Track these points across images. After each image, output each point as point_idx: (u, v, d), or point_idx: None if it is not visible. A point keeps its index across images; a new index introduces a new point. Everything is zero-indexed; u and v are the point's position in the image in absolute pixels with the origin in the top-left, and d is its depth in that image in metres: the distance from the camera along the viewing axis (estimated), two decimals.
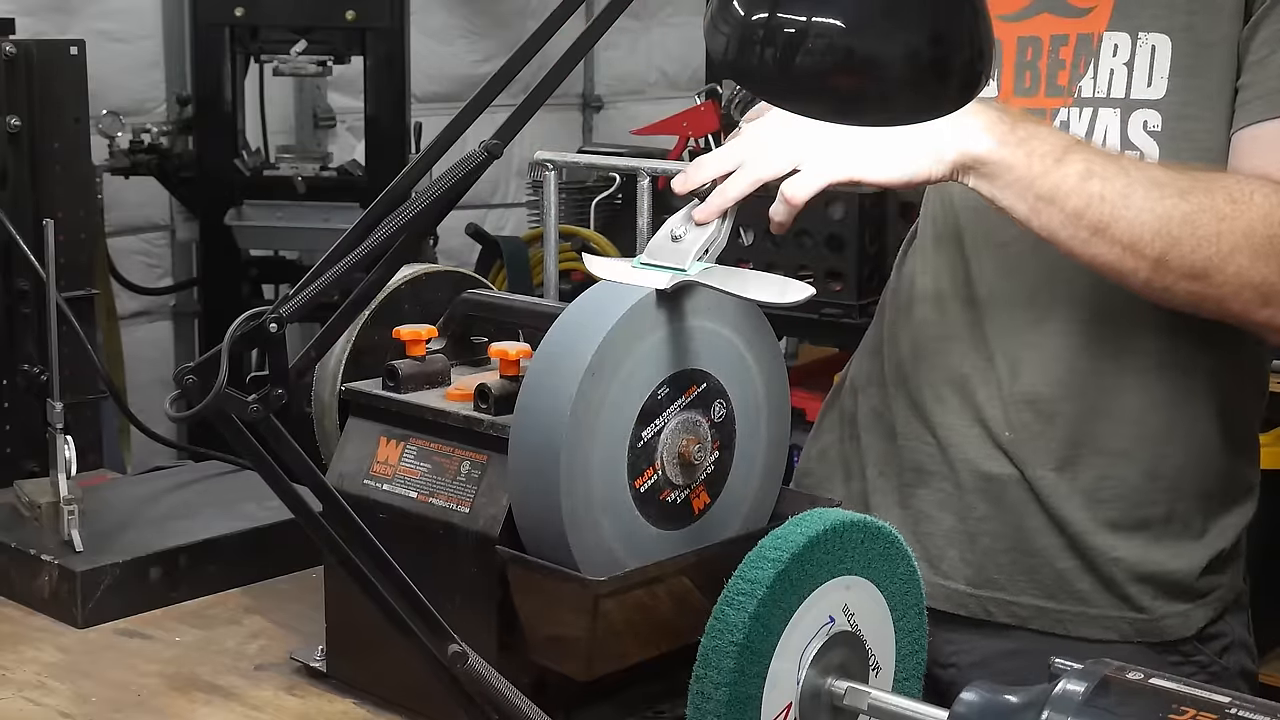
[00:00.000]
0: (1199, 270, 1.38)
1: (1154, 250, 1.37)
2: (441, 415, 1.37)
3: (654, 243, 1.33)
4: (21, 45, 2.00)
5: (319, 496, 1.03)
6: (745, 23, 1.02)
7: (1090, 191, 1.37)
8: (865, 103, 1.05)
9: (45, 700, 1.47)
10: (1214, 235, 1.37)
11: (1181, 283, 1.39)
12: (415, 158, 1.06)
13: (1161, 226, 1.37)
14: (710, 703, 1.11)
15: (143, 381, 3.87)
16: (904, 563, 1.23)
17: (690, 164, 1.43)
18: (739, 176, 1.35)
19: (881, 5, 1.01)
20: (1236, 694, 0.99)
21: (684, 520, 1.33)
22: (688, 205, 1.39)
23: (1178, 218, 1.37)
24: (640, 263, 1.31)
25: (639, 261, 1.31)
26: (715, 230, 1.32)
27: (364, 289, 1.02)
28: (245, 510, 1.81)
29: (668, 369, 1.29)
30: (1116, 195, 1.37)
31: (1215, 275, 1.38)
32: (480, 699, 1.08)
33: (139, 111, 3.91)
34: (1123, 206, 1.37)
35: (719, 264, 1.31)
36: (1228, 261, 1.37)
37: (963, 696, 1.06)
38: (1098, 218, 1.37)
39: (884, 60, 1.01)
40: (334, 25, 3.62)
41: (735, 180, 1.35)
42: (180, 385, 0.95)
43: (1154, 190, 1.37)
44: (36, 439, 1.91)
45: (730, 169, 1.36)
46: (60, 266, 1.82)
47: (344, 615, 1.46)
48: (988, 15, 1.04)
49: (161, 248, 4.15)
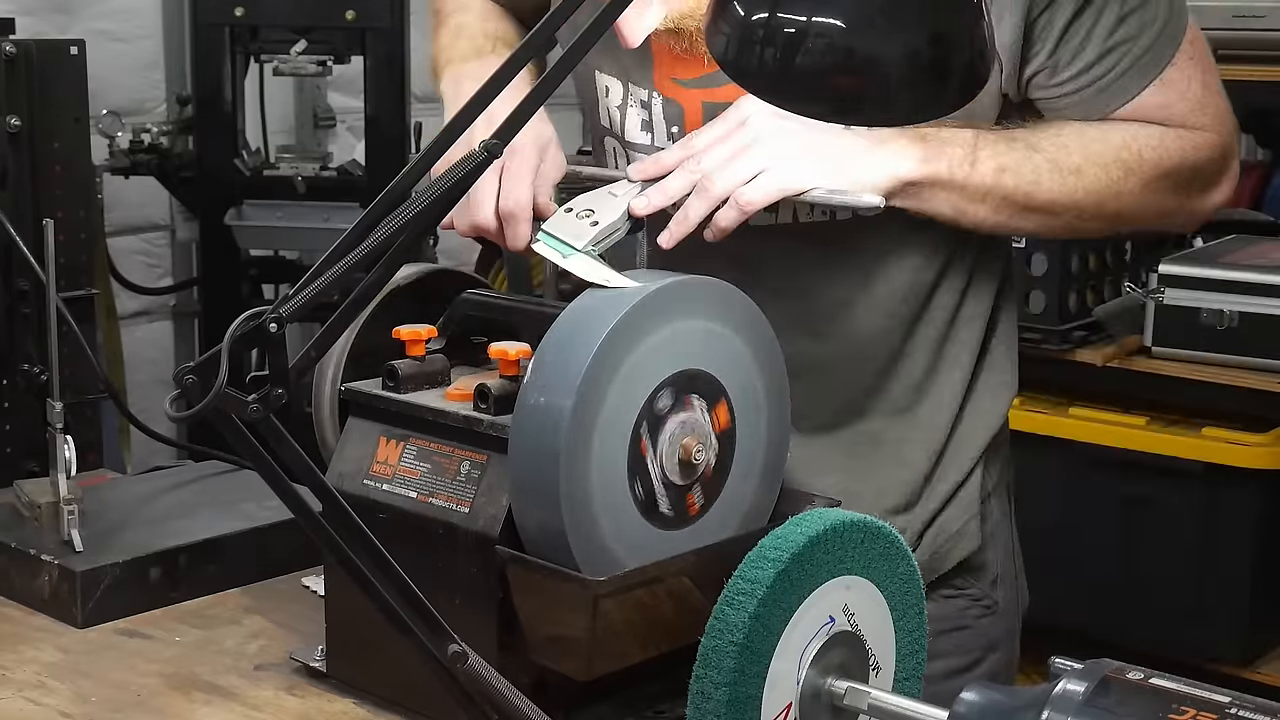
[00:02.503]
0: (1109, 220, 1.57)
1: (1067, 216, 1.53)
2: (441, 415, 1.37)
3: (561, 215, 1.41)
4: (21, 45, 2.00)
5: (319, 496, 1.03)
6: (745, 23, 1.02)
7: (1004, 184, 1.49)
8: (865, 103, 1.05)
9: (45, 700, 1.47)
10: (1114, 195, 1.52)
11: (1095, 228, 1.60)
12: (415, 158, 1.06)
13: (1069, 199, 1.51)
14: (710, 703, 1.11)
15: (143, 381, 3.86)
16: (904, 563, 1.23)
17: (651, 157, 1.47)
18: (699, 200, 1.42)
19: (881, 5, 1.01)
20: (1236, 694, 0.99)
21: (684, 520, 1.33)
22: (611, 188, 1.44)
23: (1081, 191, 1.51)
24: (542, 231, 1.39)
25: (541, 230, 1.39)
26: (619, 222, 1.41)
27: (364, 289, 1.02)
28: (245, 510, 1.81)
29: (668, 369, 1.29)
30: (1027, 184, 1.49)
31: (1123, 221, 1.59)
32: (480, 699, 1.08)
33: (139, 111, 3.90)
34: (1034, 190, 1.50)
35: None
36: (1132, 209, 1.55)
37: (963, 696, 1.06)
38: (1014, 204, 1.50)
39: (884, 60, 1.01)
40: (334, 25, 3.61)
41: (696, 204, 1.43)
42: (180, 385, 0.95)
43: (1055, 173, 1.50)
44: (36, 439, 1.91)
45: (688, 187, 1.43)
46: (60, 266, 1.81)
47: (344, 615, 1.46)
48: (988, 15, 1.04)
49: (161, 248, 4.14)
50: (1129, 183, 1.52)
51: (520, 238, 1.48)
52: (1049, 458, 3.14)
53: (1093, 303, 3.24)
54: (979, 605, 1.70)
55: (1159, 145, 1.53)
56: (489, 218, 1.49)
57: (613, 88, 1.62)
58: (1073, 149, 1.51)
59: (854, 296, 1.59)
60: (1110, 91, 1.52)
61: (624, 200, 1.43)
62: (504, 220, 1.49)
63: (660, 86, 1.58)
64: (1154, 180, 1.54)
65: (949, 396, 1.64)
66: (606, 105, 1.64)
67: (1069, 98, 1.53)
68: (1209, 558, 3.09)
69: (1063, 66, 1.50)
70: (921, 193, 1.48)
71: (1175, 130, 1.54)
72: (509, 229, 1.49)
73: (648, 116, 1.59)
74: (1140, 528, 3.15)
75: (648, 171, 1.46)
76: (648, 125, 1.59)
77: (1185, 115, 1.54)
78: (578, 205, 1.43)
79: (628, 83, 1.60)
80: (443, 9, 1.82)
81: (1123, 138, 1.53)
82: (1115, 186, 1.52)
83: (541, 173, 1.50)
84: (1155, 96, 1.52)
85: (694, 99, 1.56)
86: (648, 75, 1.58)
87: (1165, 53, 1.51)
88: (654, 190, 1.44)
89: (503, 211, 1.49)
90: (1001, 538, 1.72)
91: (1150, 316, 3.13)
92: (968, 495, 1.66)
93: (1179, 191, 1.57)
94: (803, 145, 1.42)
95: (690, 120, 1.56)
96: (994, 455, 1.70)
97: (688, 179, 1.43)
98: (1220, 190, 1.60)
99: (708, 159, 1.43)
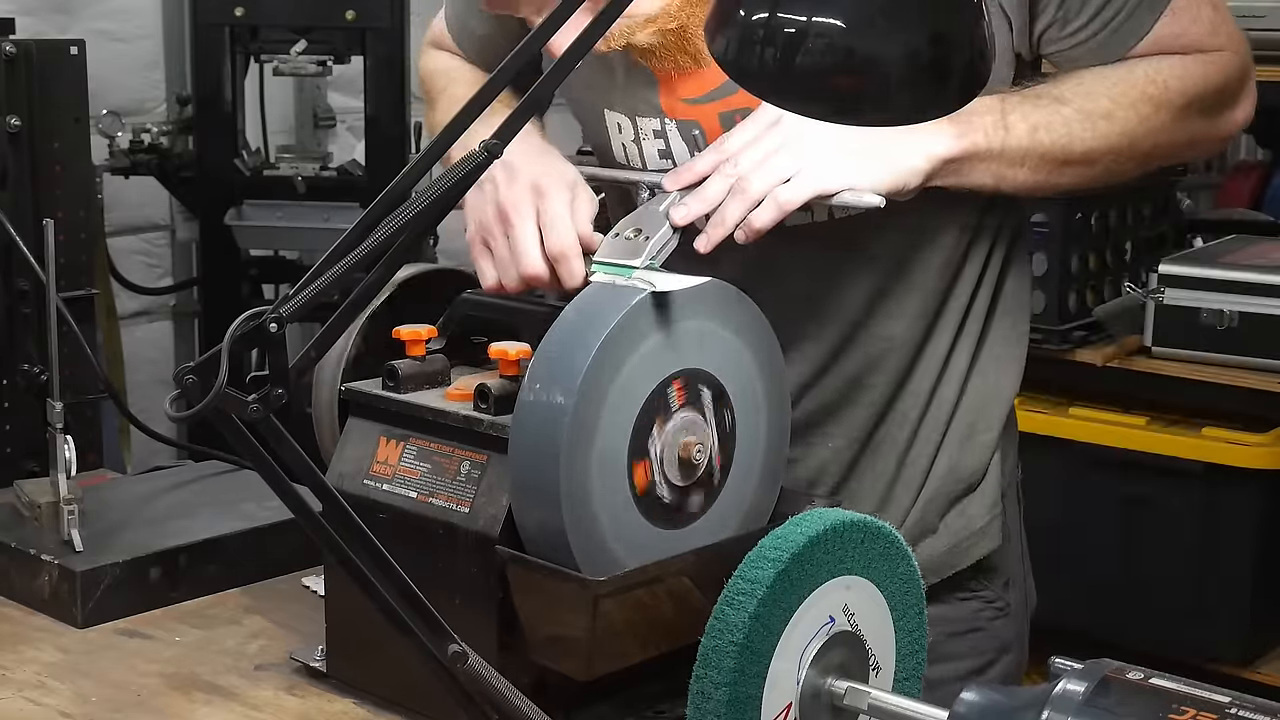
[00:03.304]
0: (1143, 158, 1.55)
1: (1105, 162, 1.53)
2: (441, 415, 1.37)
3: (609, 242, 1.40)
4: (21, 45, 2.00)
5: (319, 496, 1.03)
6: (745, 23, 1.02)
7: (1040, 143, 1.49)
8: (865, 103, 1.05)
9: (45, 700, 1.47)
10: (1147, 132, 1.52)
11: (1131, 169, 1.57)
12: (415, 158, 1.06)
13: (1105, 145, 1.51)
14: (710, 703, 1.11)
15: (143, 381, 3.86)
16: (904, 563, 1.23)
17: (685, 164, 1.46)
18: (737, 202, 1.41)
19: (881, 5, 1.01)
20: (1236, 694, 0.99)
21: (684, 520, 1.33)
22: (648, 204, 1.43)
23: (1115, 135, 1.51)
24: (596, 262, 1.39)
25: (595, 262, 1.39)
26: (669, 232, 1.40)
27: (364, 289, 1.02)
28: (245, 510, 1.81)
29: (668, 369, 1.29)
30: (1061, 138, 1.49)
31: (1158, 155, 1.58)
32: (480, 699, 1.08)
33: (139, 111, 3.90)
34: (1069, 143, 1.50)
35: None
36: (1165, 143, 1.55)
37: (963, 696, 1.06)
38: (1052, 160, 1.50)
39: (884, 60, 1.01)
40: (334, 25, 3.61)
41: (734, 206, 1.41)
42: (180, 385, 0.95)
43: (1086, 122, 1.50)
44: (36, 439, 1.91)
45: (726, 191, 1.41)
46: (60, 266, 1.81)
47: (344, 615, 1.46)
48: (988, 15, 1.04)
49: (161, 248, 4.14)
50: (1159, 117, 1.51)
51: (576, 275, 1.44)
52: (1049, 458, 3.13)
53: (1093, 303, 3.24)
54: (992, 607, 1.69)
55: (1183, 74, 1.52)
56: (538, 264, 1.46)
57: (623, 124, 1.61)
58: (1099, 94, 1.50)
59: (876, 296, 1.59)
60: (1124, 31, 1.50)
61: (664, 211, 1.42)
62: (555, 262, 1.45)
63: (671, 112, 1.56)
64: (1182, 109, 1.53)
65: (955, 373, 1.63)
66: (620, 141, 1.63)
67: (1084, 45, 1.51)
68: (1209, 558, 3.09)
69: (1073, 16, 1.49)
70: (961, 168, 1.46)
71: (1194, 56, 1.52)
72: (563, 269, 1.45)
73: (664, 145, 1.58)
74: (1140, 528, 3.15)
75: (683, 179, 1.44)
76: (666, 153, 1.58)
77: (1200, 39, 1.53)
78: (622, 228, 1.42)
79: (635, 117, 1.60)
80: (432, 87, 1.82)
81: (1145, 73, 1.51)
82: (1147, 123, 1.51)
83: (577, 209, 1.48)
84: (1168, 27, 1.51)
85: (709, 113, 1.55)
86: (655, 104, 1.57)
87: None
88: (693, 198, 1.43)
89: (552, 254, 1.45)
90: (1014, 539, 1.72)
91: (1150, 316, 3.13)
92: (989, 487, 1.66)
93: (1206, 116, 1.56)
94: (835, 143, 1.40)
95: (710, 134, 1.55)
96: (1008, 447, 1.69)
97: (725, 183, 1.42)
98: (1243, 108, 1.59)
99: (744, 161, 1.41)
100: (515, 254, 1.46)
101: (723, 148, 1.44)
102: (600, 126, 1.65)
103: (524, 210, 1.46)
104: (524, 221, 1.46)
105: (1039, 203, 2.90)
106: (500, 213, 1.48)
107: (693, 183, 1.44)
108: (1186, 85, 1.52)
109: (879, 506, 1.62)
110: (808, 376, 1.61)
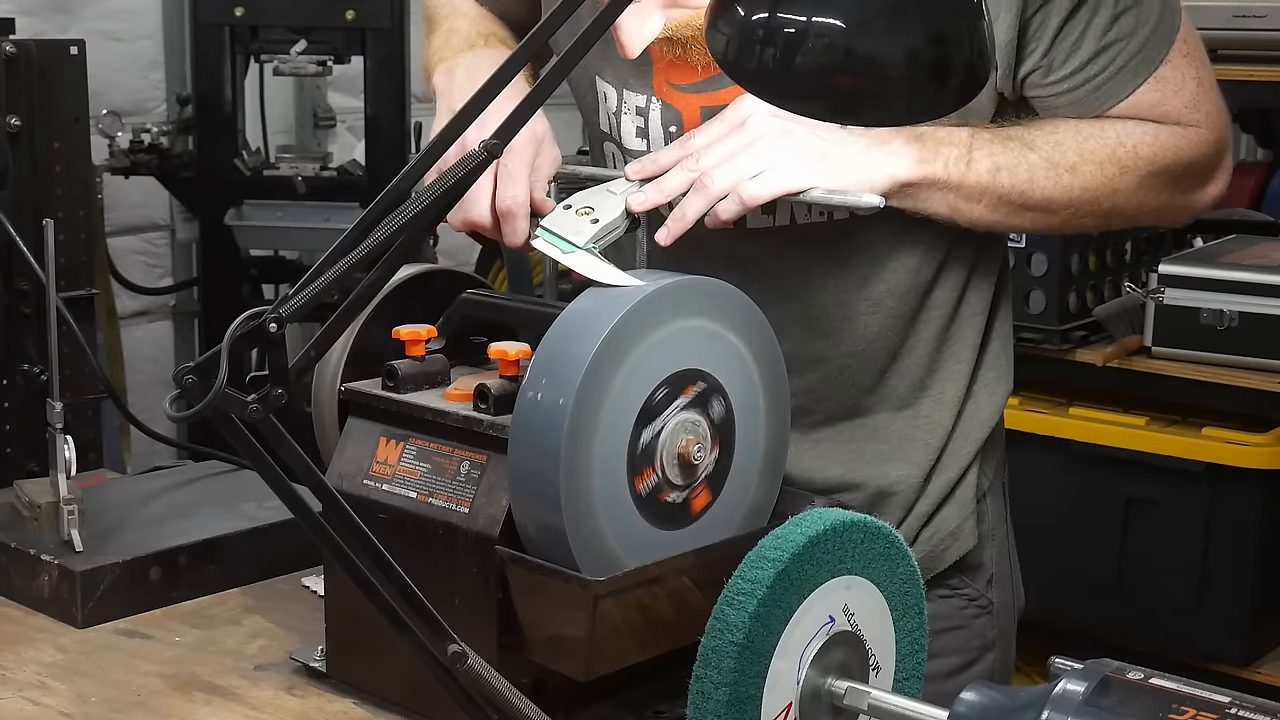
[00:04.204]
0: (1104, 217, 1.57)
1: (1063, 214, 1.54)
2: (441, 415, 1.37)
3: (560, 212, 1.40)
4: (21, 45, 2.00)
5: (319, 496, 1.03)
6: (745, 23, 1.02)
7: (1000, 184, 1.50)
8: (865, 103, 1.05)
9: (45, 700, 1.47)
10: (1110, 192, 1.53)
11: (1091, 225, 1.59)
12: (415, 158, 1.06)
13: (1065, 197, 1.52)
14: (710, 703, 1.11)
15: (143, 381, 3.86)
16: (904, 563, 1.23)
17: (649, 156, 1.48)
18: (697, 198, 1.42)
19: (881, 5, 1.01)
20: (1236, 694, 0.99)
21: (684, 520, 1.33)
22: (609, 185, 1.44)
23: (1077, 189, 1.52)
24: (541, 227, 1.39)
25: (540, 226, 1.39)
26: (619, 219, 1.41)
27: (364, 289, 1.02)
28: (245, 510, 1.81)
29: (668, 369, 1.29)
30: (1022, 182, 1.50)
31: (1118, 217, 1.59)
32: (480, 699, 1.08)
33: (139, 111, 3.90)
34: (1029, 189, 1.51)
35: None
36: (1126, 206, 1.56)
37: (963, 696, 1.06)
38: (1009, 203, 1.51)
39: (884, 60, 1.01)
40: (334, 25, 3.62)
41: (694, 202, 1.42)
42: (180, 385, 0.95)
43: (1050, 172, 1.51)
44: (36, 439, 1.91)
45: (686, 185, 1.43)
46: (60, 266, 1.81)
47: (344, 615, 1.46)
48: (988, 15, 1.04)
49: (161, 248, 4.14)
50: (1124, 180, 1.53)
51: (519, 234, 1.48)
52: (1049, 458, 3.14)
53: (1093, 303, 3.24)
54: (974, 605, 1.70)
55: (1154, 143, 1.53)
56: (485, 214, 1.49)
57: (609, 94, 1.62)
58: (1068, 147, 1.52)
59: (853, 296, 1.59)
60: (1105, 90, 1.52)
61: (622, 198, 1.43)
62: (501, 217, 1.49)
63: (659, 92, 1.58)
64: (1149, 177, 1.54)
65: (951, 393, 1.64)
66: (605, 110, 1.64)
67: (1064, 96, 1.53)
68: (1209, 558, 3.09)
69: (1057, 66, 1.50)
70: (918, 193, 1.48)
71: (1170, 127, 1.54)
72: (507, 225, 1.48)
73: (643, 123, 1.59)
74: (1140, 528, 3.15)
75: (645, 170, 1.46)
76: (643, 131, 1.59)
77: (1179, 112, 1.54)
78: (576, 202, 1.43)
79: (623, 89, 1.61)
80: (435, 15, 1.82)
81: (1118, 135, 1.53)
82: (1111, 184, 1.53)
83: (537, 168, 1.50)
84: (1149, 94, 1.52)
85: (692, 104, 1.56)
86: (646, 81, 1.58)
87: (1159, 51, 1.51)
88: (651, 188, 1.44)
89: (500, 208, 1.48)
90: (998, 538, 1.73)
91: (1150, 316, 3.13)
92: (964, 494, 1.66)
93: (1173, 188, 1.57)
94: (801, 147, 1.42)
95: (689, 125, 1.56)
96: (990, 454, 1.70)
97: (686, 177, 1.43)
98: (1214, 186, 1.61)
99: (706, 157, 1.43)
100: (465, 199, 1.46)
101: (688, 144, 1.46)
102: (590, 92, 1.66)
103: None
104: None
105: None
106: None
107: (655, 174, 1.45)
108: (1156, 154, 1.54)
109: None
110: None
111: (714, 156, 1.43)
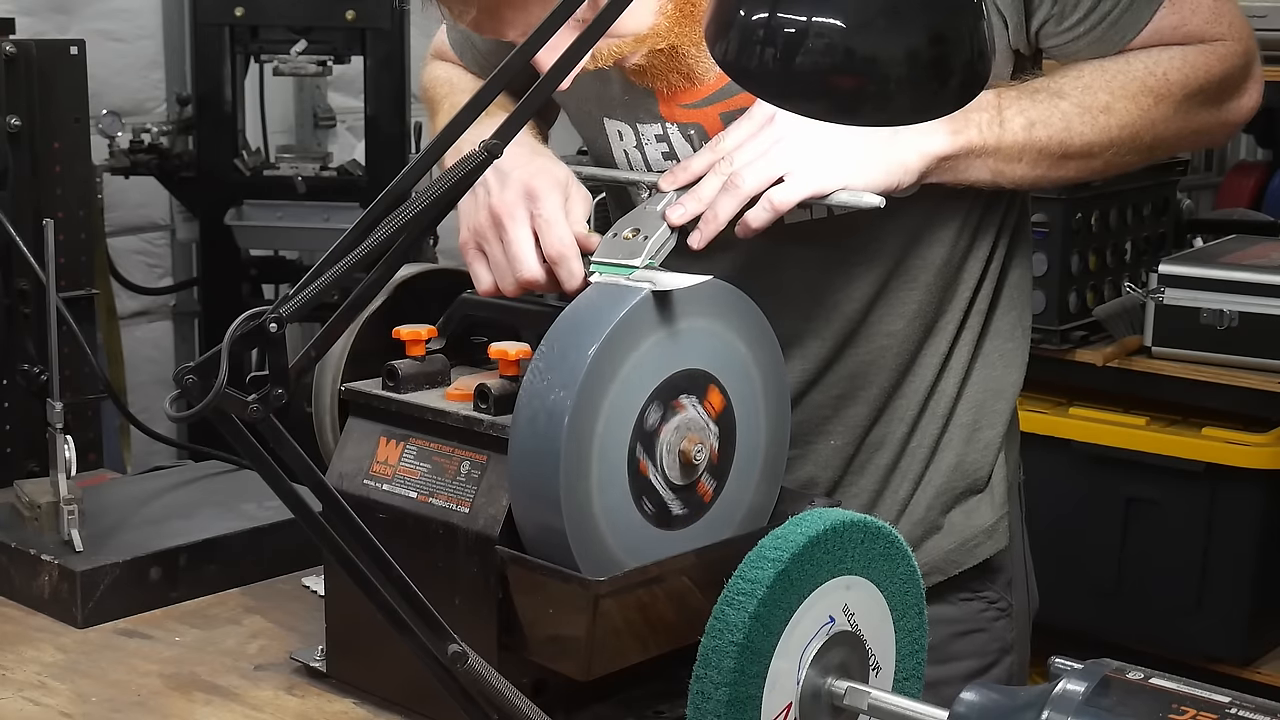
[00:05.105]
0: (1146, 150, 1.54)
1: (1105, 155, 1.51)
2: (441, 415, 1.37)
3: (608, 241, 1.41)
4: (21, 45, 2.00)
5: (319, 496, 1.03)
6: (745, 23, 1.02)
7: (1037, 138, 1.48)
8: (865, 102, 1.05)
9: (45, 700, 1.47)
10: (1148, 124, 1.51)
11: (1135, 161, 1.55)
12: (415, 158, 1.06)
13: (1105, 138, 1.50)
14: (710, 703, 1.11)
15: (143, 381, 3.86)
16: (904, 563, 1.23)
17: (680, 164, 1.47)
18: (729, 198, 1.41)
19: (881, 5, 1.01)
20: (1236, 694, 0.99)
21: (684, 520, 1.33)
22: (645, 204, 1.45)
23: (1115, 128, 1.50)
24: (595, 262, 1.39)
25: (594, 261, 1.40)
26: (666, 231, 1.41)
27: (364, 289, 1.02)
28: (245, 510, 1.81)
29: (668, 369, 1.29)
30: (1059, 133, 1.48)
31: (1162, 147, 1.57)
32: (480, 699, 1.08)
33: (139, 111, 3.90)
34: (1067, 137, 1.49)
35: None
36: (1168, 134, 1.53)
37: (963, 696, 1.06)
38: (1050, 155, 1.49)
39: (884, 60, 1.02)
40: (334, 25, 3.61)
41: (726, 202, 1.42)
42: (180, 385, 0.95)
43: (1085, 116, 1.49)
44: (36, 439, 1.91)
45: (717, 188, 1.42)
46: (60, 266, 1.81)
47: (344, 615, 1.46)
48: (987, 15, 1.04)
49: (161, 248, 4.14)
50: (1161, 109, 1.51)
51: (575, 276, 1.43)
52: (1049, 458, 3.13)
53: (1093, 303, 3.24)
54: (994, 608, 1.69)
55: (1183, 65, 1.51)
56: (535, 269, 1.45)
57: (624, 131, 1.61)
58: (1097, 88, 1.50)
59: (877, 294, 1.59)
60: (1122, 24, 1.50)
61: (661, 211, 1.43)
62: (553, 264, 1.45)
63: (671, 117, 1.57)
64: (1184, 101, 1.51)
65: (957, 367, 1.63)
66: (624, 148, 1.63)
67: (1082, 39, 1.51)
68: (1209, 558, 3.09)
69: (1069, 10, 1.49)
70: (958, 165, 1.46)
71: (1195, 46, 1.51)
72: (561, 270, 1.44)
73: (668, 148, 1.59)
74: (1141, 528, 3.15)
75: (679, 179, 1.45)
76: (670, 155, 1.58)
77: (1202, 29, 1.51)
78: (620, 228, 1.43)
79: (636, 124, 1.60)
80: (434, 96, 1.82)
81: (1145, 65, 1.51)
82: (1148, 115, 1.50)
83: (571, 209, 1.47)
84: (1168, 17, 1.50)
85: (710, 114, 1.55)
86: (655, 112, 1.57)
87: None
88: (688, 197, 1.43)
89: (550, 255, 1.44)
90: (1016, 539, 1.72)
91: (1150, 316, 3.13)
92: (996, 484, 1.66)
93: (1210, 106, 1.55)
94: (831, 141, 1.40)
95: (711, 133, 1.54)
96: (1010, 447, 1.69)
97: (721, 181, 1.42)
98: (1249, 96, 1.58)
99: (737, 159, 1.42)
100: (511, 259, 1.46)
101: (718, 147, 1.45)
102: (600, 135, 1.65)
103: (518, 215, 1.46)
104: (518, 226, 1.45)
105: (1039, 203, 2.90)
106: (494, 218, 1.47)
107: (688, 182, 1.45)
108: (1187, 76, 1.51)
109: (875, 498, 1.63)
110: (809, 374, 1.61)
111: (744, 156, 1.42)
